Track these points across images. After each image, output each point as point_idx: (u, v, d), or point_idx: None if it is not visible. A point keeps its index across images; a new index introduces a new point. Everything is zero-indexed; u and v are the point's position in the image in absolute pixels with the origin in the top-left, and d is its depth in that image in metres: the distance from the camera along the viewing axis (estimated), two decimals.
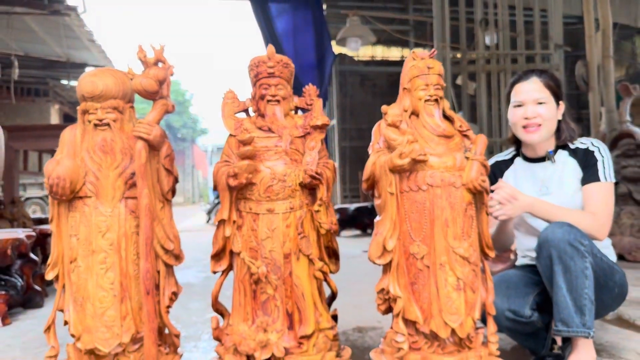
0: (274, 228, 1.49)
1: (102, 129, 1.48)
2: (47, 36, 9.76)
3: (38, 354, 2.38)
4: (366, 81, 10.91)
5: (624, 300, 1.97)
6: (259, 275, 1.47)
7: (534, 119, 1.89)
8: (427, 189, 1.48)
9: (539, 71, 1.98)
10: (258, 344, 1.41)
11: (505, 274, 2.01)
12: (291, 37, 8.41)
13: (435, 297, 1.45)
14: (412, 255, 1.48)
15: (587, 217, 1.82)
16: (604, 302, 1.85)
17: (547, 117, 1.90)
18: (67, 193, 1.44)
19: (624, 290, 1.92)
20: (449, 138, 1.54)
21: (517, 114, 1.93)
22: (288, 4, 8.51)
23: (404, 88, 1.61)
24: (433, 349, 1.48)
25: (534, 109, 1.90)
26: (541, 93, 1.91)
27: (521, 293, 1.82)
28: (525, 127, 1.91)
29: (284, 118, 1.59)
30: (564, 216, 1.77)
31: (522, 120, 1.91)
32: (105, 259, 1.44)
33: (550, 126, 1.92)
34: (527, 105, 1.91)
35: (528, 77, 1.95)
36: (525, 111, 1.90)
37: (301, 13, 8.50)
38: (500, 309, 1.77)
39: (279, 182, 1.49)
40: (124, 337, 1.44)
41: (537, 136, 1.91)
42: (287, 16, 8.53)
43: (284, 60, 1.59)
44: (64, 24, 9.04)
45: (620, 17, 10.32)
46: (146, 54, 1.49)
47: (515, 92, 1.96)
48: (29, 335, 2.72)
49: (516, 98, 1.94)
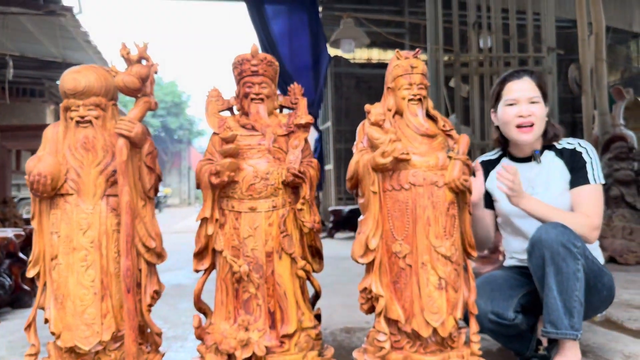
0: (256, 226, 1.49)
1: (84, 126, 1.47)
2: (43, 36, 9.75)
3: (23, 353, 2.36)
4: (362, 83, 10.92)
5: (611, 303, 1.97)
6: (241, 274, 1.46)
7: (528, 117, 1.89)
8: (409, 188, 1.48)
9: (530, 71, 1.98)
10: (239, 343, 1.41)
11: (490, 275, 2.01)
12: (287, 39, 8.42)
13: (417, 296, 1.45)
14: (394, 254, 1.48)
15: (581, 219, 1.81)
16: (592, 304, 1.85)
17: (539, 116, 1.90)
18: (48, 190, 1.43)
19: (612, 293, 1.92)
20: (432, 137, 1.54)
21: (511, 113, 1.92)
22: (284, 6, 8.53)
23: (387, 87, 1.61)
24: (415, 348, 1.48)
25: (528, 108, 1.89)
26: (534, 92, 1.90)
27: (505, 295, 1.81)
28: (520, 126, 1.90)
29: (267, 116, 1.58)
30: (558, 217, 1.76)
31: (516, 119, 1.90)
32: (86, 256, 1.44)
33: (541, 125, 1.92)
34: (521, 103, 1.90)
35: (521, 76, 1.95)
36: (520, 109, 1.89)
37: (297, 15, 8.51)
38: (484, 311, 1.76)
39: (262, 181, 1.49)
40: (105, 335, 1.43)
41: (530, 136, 1.91)
42: (283, 18, 8.54)
43: (267, 59, 1.59)
44: (60, 24, 9.03)
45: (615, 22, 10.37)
46: (129, 51, 1.49)
47: (507, 90, 1.95)
48: (15, 334, 2.71)
49: (509, 96, 1.93)
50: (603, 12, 5.70)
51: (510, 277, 1.93)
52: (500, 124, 1.98)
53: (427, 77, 1.59)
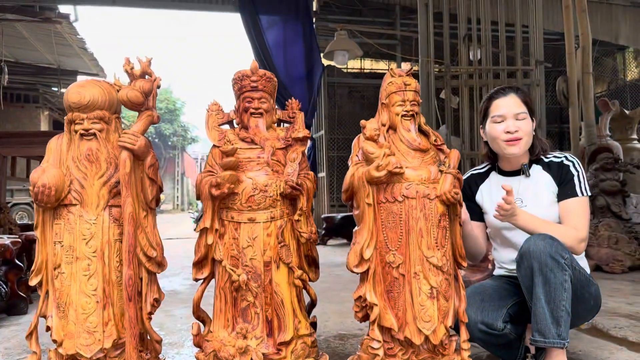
0: (255, 237, 1.54)
1: (88, 138, 1.52)
2: (38, 43, 9.76)
3: (20, 359, 2.39)
4: (354, 93, 11.03)
5: (598, 312, 2.03)
6: (240, 283, 1.51)
7: (515, 133, 1.96)
8: (402, 200, 1.54)
9: (515, 88, 2.05)
10: (237, 350, 1.45)
11: (480, 285, 2.07)
12: (281, 49, 8.50)
13: (410, 305, 1.51)
14: (388, 264, 1.54)
15: (569, 232, 1.87)
16: (579, 313, 1.91)
17: (526, 131, 1.97)
18: (52, 201, 1.48)
19: (599, 303, 1.98)
20: (424, 152, 1.60)
21: (499, 129, 1.99)
22: (278, 17, 8.62)
23: (382, 103, 1.68)
24: (408, 355, 1.53)
25: (515, 123, 1.96)
26: (520, 108, 1.98)
27: (495, 306, 1.87)
28: (508, 141, 1.97)
29: (266, 130, 1.64)
30: (547, 229, 1.83)
31: (504, 135, 1.97)
32: (89, 265, 1.48)
33: (528, 140, 1.99)
34: (508, 119, 1.97)
35: (507, 93, 2.02)
36: (507, 125, 1.97)
37: (291, 26, 8.61)
38: (474, 321, 1.82)
39: (261, 192, 1.54)
40: (106, 343, 1.47)
41: (517, 149, 1.98)
42: (278, 29, 8.64)
43: (267, 75, 1.65)
44: (56, 31, 9.06)
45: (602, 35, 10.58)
46: (133, 66, 1.54)
47: (494, 107, 2.02)
48: (12, 341, 2.72)
49: (496, 113, 2.00)
50: (589, 25, 5.84)
51: (500, 287, 1.98)
52: (488, 140, 2.05)
53: (420, 94, 1.66)
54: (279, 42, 8.55)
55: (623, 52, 12.83)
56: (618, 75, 13.08)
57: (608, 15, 10.41)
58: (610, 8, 10.51)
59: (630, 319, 2.93)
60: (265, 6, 8.54)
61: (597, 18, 10.12)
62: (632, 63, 13.11)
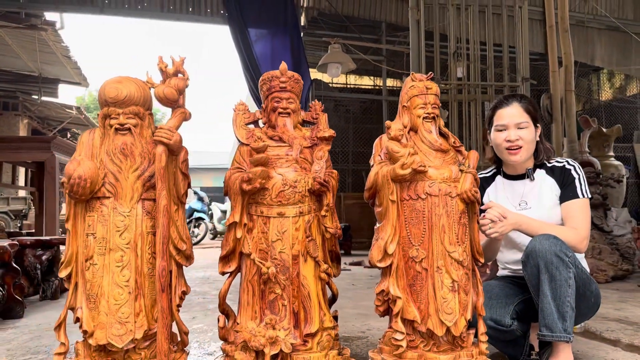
0: (284, 231, 1.59)
1: (123, 133, 1.55)
2: (21, 50, 9.64)
3: None
4: (340, 107, 11.18)
5: (598, 309, 2.13)
6: (269, 275, 1.55)
7: (516, 142, 2.06)
8: (426, 197, 1.61)
9: (519, 96, 2.16)
10: (267, 340, 1.49)
11: (487, 284, 2.15)
12: (269, 62, 8.59)
13: (432, 298, 1.57)
14: (411, 258, 1.60)
15: (571, 232, 1.97)
16: (581, 310, 2.00)
17: (527, 139, 2.08)
18: (86, 193, 1.50)
19: (599, 300, 2.08)
20: (445, 152, 1.68)
21: (501, 137, 2.10)
22: (267, 30, 8.72)
23: (403, 106, 1.75)
24: (429, 347, 1.59)
25: (516, 133, 2.07)
26: (522, 118, 2.08)
27: (502, 303, 1.95)
28: (508, 149, 2.08)
29: (293, 129, 1.70)
30: (550, 230, 1.92)
31: (505, 143, 2.08)
32: (122, 257, 1.50)
33: (530, 147, 2.10)
34: (509, 129, 2.08)
35: (510, 102, 2.13)
36: (508, 134, 2.07)
37: (279, 39, 8.72)
38: (483, 318, 1.90)
39: (290, 188, 1.60)
40: (137, 334, 1.49)
41: (519, 157, 2.08)
42: (266, 41, 8.74)
43: (295, 77, 1.72)
44: (40, 38, 8.97)
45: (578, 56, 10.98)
46: (167, 65, 1.59)
47: (498, 116, 2.13)
48: (13, 343, 2.69)
49: (499, 122, 2.11)
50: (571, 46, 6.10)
51: (505, 287, 2.07)
52: (493, 146, 2.15)
53: (439, 98, 1.74)
54: (266, 55, 8.65)
55: (598, 73, 13.33)
56: (592, 96, 13.56)
57: (584, 38, 10.83)
58: (587, 31, 10.93)
59: (620, 322, 3.05)
60: (254, 19, 8.64)
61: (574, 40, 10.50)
62: (606, 84, 13.62)
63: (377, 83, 11.77)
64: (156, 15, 9.41)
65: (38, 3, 8.50)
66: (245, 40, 8.54)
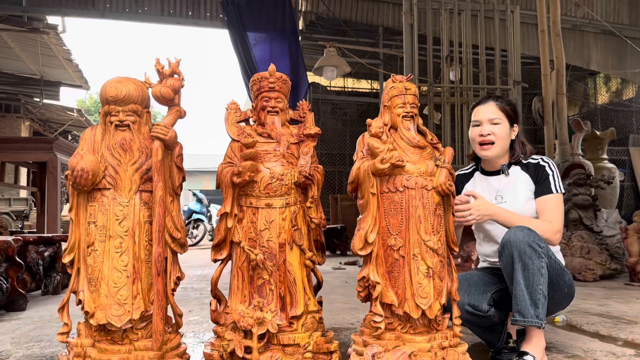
0: (271, 221, 1.71)
1: (122, 129, 1.68)
2: (24, 53, 9.79)
3: (29, 347, 2.49)
4: (337, 110, 11.32)
5: (572, 299, 2.24)
6: (257, 262, 1.67)
7: (487, 136, 2.19)
8: (403, 190, 1.73)
9: (497, 96, 2.29)
10: (255, 321, 1.61)
11: (467, 273, 2.27)
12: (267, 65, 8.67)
13: (409, 283, 1.69)
14: (389, 247, 1.72)
15: (545, 225, 2.09)
16: (555, 300, 2.12)
17: (499, 135, 2.20)
18: (88, 184, 1.62)
19: (573, 290, 2.20)
20: (422, 149, 1.81)
21: (475, 132, 2.23)
22: (265, 34, 8.86)
23: (384, 105, 1.88)
24: (406, 329, 1.71)
25: (489, 128, 2.20)
26: (495, 114, 2.21)
27: (480, 290, 2.08)
28: (481, 143, 2.21)
29: (281, 127, 1.82)
30: (525, 223, 2.04)
31: (478, 137, 2.21)
32: (121, 244, 1.62)
33: (502, 144, 2.22)
34: (483, 124, 2.21)
35: (486, 100, 2.26)
36: (481, 129, 2.20)
37: (278, 43, 8.85)
38: (461, 303, 2.02)
39: (277, 181, 1.72)
40: (135, 314, 1.61)
41: (490, 152, 2.21)
42: (264, 45, 8.87)
43: (283, 77, 1.85)
44: (42, 41, 9.12)
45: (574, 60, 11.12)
46: (163, 66, 1.72)
47: (474, 113, 2.27)
48: (17, 332, 2.81)
49: (475, 118, 2.25)
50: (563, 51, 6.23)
51: (484, 276, 2.19)
52: (470, 142, 2.29)
53: (418, 98, 1.87)
54: (265, 58, 8.78)
55: (594, 77, 13.45)
56: (589, 100, 13.68)
57: (580, 42, 10.97)
58: (583, 35, 11.07)
59: (601, 317, 3.17)
60: (253, 23, 8.78)
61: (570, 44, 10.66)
62: (602, 88, 13.75)
63: (374, 86, 11.92)
64: (156, 19, 9.55)
65: (40, 7, 8.65)
66: (244, 44, 8.68)
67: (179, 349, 1.70)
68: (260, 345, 1.61)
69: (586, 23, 10.69)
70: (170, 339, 1.68)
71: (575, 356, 2.32)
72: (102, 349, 1.61)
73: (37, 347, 2.52)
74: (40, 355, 2.34)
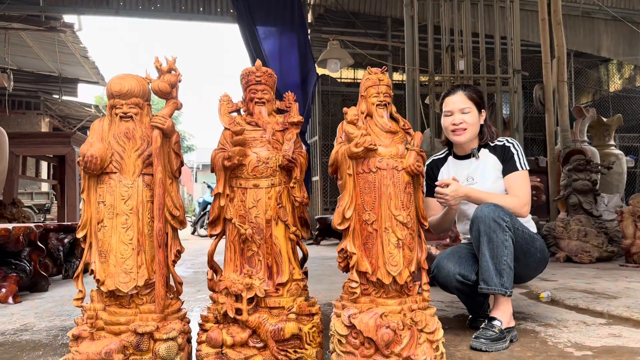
0: (258, 199, 1.92)
1: (126, 120, 1.90)
2: (42, 51, 10.15)
3: (50, 320, 2.76)
4: (347, 101, 11.48)
5: (546, 263, 2.43)
6: (247, 236, 1.89)
7: (460, 125, 2.38)
8: (376, 171, 1.92)
9: (464, 86, 2.48)
10: (245, 286, 1.83)
11: (457, 247, 2.49)
12: (277, 59, 8.93)
13: (381, 253, 1.89)
14: (364, 221, 1.92)
15: (512, 199, 2.28)
16: (529, 266, 2.32)
17: (470, 122, 2.39)
18: (97, 169, 1.85)
19: (545, 255, 2.38)
20: (394, 133, 2.00)
21: (447, 121, 2.42)
22: (275, 28, 9.05)
23: (361, 95, 2.08)
24: (379, 294, 1.91)
25: (460, 117, 2.39)
26: (465, 104, 2.40)
27: (469, 262, 2.29)
28: (454, 131, 2.40)
29: (267, 116, 2.03)
30: (494, 199, 2.23)
31: (451, 126, 2.40)
32: (126, 220, 1.85)
33: (473, 130, 2.41)
34: (454, 114, 2.40)
35: (455, 91, 2.45)
36: (453, 119, 2.40)
37: (287, 36, 9.04)
38: (452, 272, 2.24)
39: (263, 164, 1.93)
40: (139, 282, 1.84)
41: (463, 138, 2.40)
42: (274, 39, 9.06)
43: (268, 71, 2.05)
44: (59, 40, 9.46)
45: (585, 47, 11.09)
46: (161, 63, 1.93)
47: (445, 103, 2.46)
48: (39, 309, 3.09)
49: (446, 108, 2.44)
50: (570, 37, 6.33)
51: (471, 250, 2.39)
52: (443, 130, 2.48)
53: (391, 88, 2.06)
54: (274, 52, 8.98)
55: (607, 64, 13.36)
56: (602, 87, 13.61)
57: (590, 29, 10.93)
58: (592, 22, 11.02)
59: (584, 293, 3.34)
60: (262, 17, 8.97)
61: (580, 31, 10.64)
62: (615, 75, 13.65)
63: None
64: (168, 16, 9.81)
65: (57, 6, 8.97)
66: (254, 38, 8.88)
67: (179, 313, 1.93)
68: (249, 307, 1.83)
69: (596, 9, 10.65)
70: (171, 304, 1.91)
71: (547, 325, 2.51)
72: (111, 312, 1.85)
73: (58, 320, 2.79)
74: (60, 327, 2.61)
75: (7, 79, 9.23)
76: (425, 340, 1.85)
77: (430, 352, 1.84)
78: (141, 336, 1.76)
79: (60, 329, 2.55)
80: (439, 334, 1.87)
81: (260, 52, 8.80)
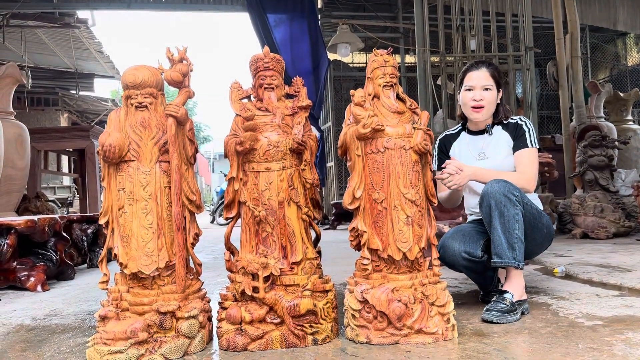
0: (270, 182, 1.99)
1: (142, 110, 1.97)
2: (57, 48, 10.31)
3: (77, 306, 2.88)
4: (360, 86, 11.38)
5: (552, 239, 2.46)
6: (260, 217, 1.96)
7: (480, 101, 2.41)
8: (384, 151, 1.98)
9: (487, 63, 2.50)
10: (260, 265, 1.91)
11: (461, 226, 2.52)
12: (288, 46, 8.96)
13: (391, 231, 1.95)
14: (374, 200, 1.98)
15: (518, 176, 2.32)
16: (536, 240, 2.35)
17: (490, 100, 2.42)
18: (116, 157, 1.94)
19: (551, 230, 2.41)
20: (401, 114, 2.04)
21: (468, 96, 2.45)
22: (285, 15, 9.07)
23: (367, 77, 2.12)
24: (391, 270, 1.98)
25: (481, 93, 2.41)
26: (487, 81, 2.42)
27: (474, 239, 2.33)
28: (474, 107, 2.42)
29: (277, 101, 2.09)
30: (500, 177, 2.27)
31: (471, 102, 2.42)
32: (146, 206, 1.93)
33: (491, 108, 2.44)
34: (476, 89, 2.42)
35: (479, 67, 2.46)
36: (474, 94, 2.42)
37: (297, 23, 9.05)
38: (458, 251, 2.28)
39: (274, 148, 1.99)
40: (160, 264, 1.93)
41: (481, 115, 2.43)
42: (285, 26, 9.08)
43: (276, 57, 2.10)
44: (74, 36, 9.60)
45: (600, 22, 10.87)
46: (173, 54, 2.00)
47: (467, 78, 2.47)
48: (67, 295, 3.22)
49: (468, 83, 2.45)
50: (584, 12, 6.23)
51: (476, 227, 2.43)
52: (461, 105, 2.50)
53: (397, 69, 2.10)
54: (286, 39, 9.01)
55: (624, 38, 13.08)
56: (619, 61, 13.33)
57: (605, 2, 10.69)
58: None
59: (598, 267, 3.35)
60: (272, 5, 8.99)
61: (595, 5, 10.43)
62: (633, 49, 13.36)
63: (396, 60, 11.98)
64: (179, 7, 9.87)
65: (70, 2, 9.09)
66: (264, 26, 8.91)
67: (199, 292, 2.02)
68: (265, 285, 1.91)
69: None
70: (192, 284, 2.00)
71: (560, 297, 2.55)
72: (135, 293, 1.94)
73: (85, 305, 2.91)
74: (87, 311, 2.72)
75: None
76: (436, 313, 1.91)
77: (442, 324, 1.90)
78: (164, 315, 1.85)
79: (87, 313, 2.67)
80: (449, 306, 1.93)
81: (272, 40, 8.83)
